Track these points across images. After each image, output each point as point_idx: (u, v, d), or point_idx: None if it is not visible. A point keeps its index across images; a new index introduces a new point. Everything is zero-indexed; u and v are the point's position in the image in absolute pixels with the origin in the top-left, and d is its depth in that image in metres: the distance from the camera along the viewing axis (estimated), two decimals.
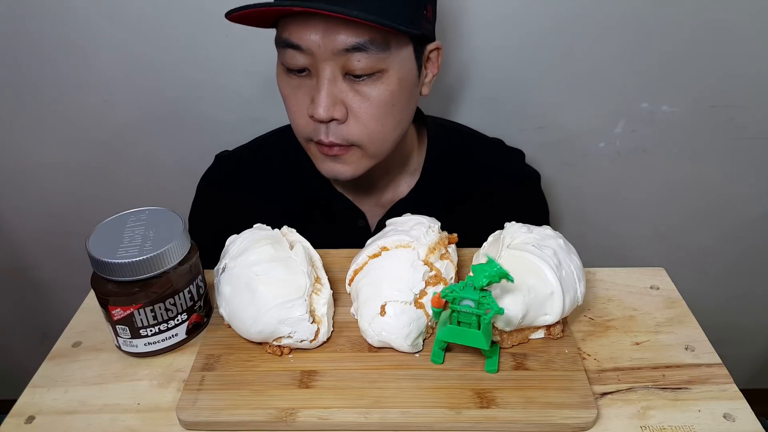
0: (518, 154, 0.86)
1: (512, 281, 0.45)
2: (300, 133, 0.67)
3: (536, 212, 0.86)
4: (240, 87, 0.94)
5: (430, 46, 0.67)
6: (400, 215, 0.61)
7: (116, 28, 0.88)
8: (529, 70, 0.93)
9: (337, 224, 0.78)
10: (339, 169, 0.67)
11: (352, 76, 0.61)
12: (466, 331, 0.46)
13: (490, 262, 0.45)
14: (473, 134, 0.86)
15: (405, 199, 0.78)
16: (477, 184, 0.80)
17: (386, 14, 0.58)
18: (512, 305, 0.48)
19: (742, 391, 0.48)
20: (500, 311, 0.45)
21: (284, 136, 0.81)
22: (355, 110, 0.63)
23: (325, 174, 0.69)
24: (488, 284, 0.44)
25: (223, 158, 0.83)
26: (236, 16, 0.59)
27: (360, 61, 0.60)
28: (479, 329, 0.46)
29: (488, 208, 0.79)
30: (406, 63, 0.63)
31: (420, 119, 0.79)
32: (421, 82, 0.68)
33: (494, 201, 0.80)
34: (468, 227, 0.63)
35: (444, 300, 0.46)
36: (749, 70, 0.92)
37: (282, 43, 0.62)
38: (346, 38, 0.58)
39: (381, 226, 0.68)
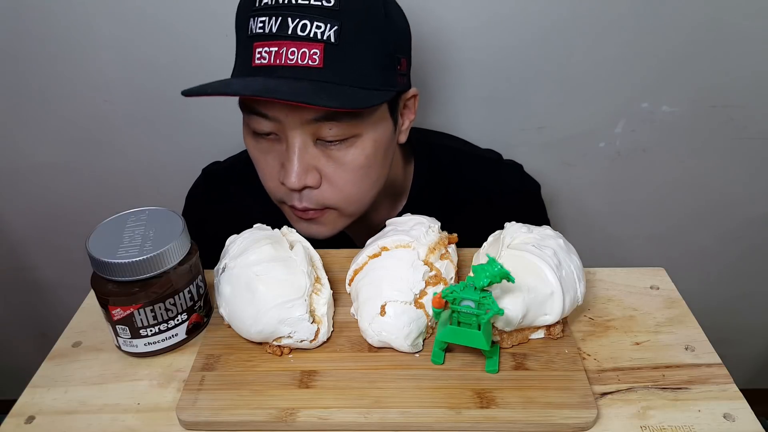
0: (514, 168, 0.83)
1: (513, 281, 0.45)
2: (272, 195, 0.66)
3: (534, 224, 0.84)
4: None
5: (406, 95, 0.65)
6: None
7: (116, 28, 0.88)
8: (529, 70, 0.93)
9: (323, 246, 0.77)
10: (315, 229, 0.66)
11: (324, 141, 0.60)
12: (466, 331, 0.46)
13: (492, 261, 0.45)
14: (464, 150, 0.83)
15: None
16: (466, 201, 0.78)
17: (356, 81, 0.56)
18: (512, 305, 0.48)
19: (742, 391, 0.48)
20: (500, 312, 0.45)
21: None
22: (329, 176, 0.61)
23: (302, 234, 0.65)
24: (489, 284, 0.44)
25: (209, 174, 0.81)
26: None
27: (331, 129, 0.58)
28: (479, 330, 0.46)
29: (480, 224, 0.77)
30: (381, 123, 0.62)
31: (406, 140, 0.77)
32: (397, 131, 0.66)
33: (486, 216, 0.76)
34: (460, 244, 0.62)
35: (444, 300, 0.46)
36: (749, 70, 0.92)
37: (247, 110, 0.60)
38: (315, 112, 0.56)
39: None
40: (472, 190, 0.79)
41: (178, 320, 0.52)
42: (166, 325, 0.51)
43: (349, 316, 0.55)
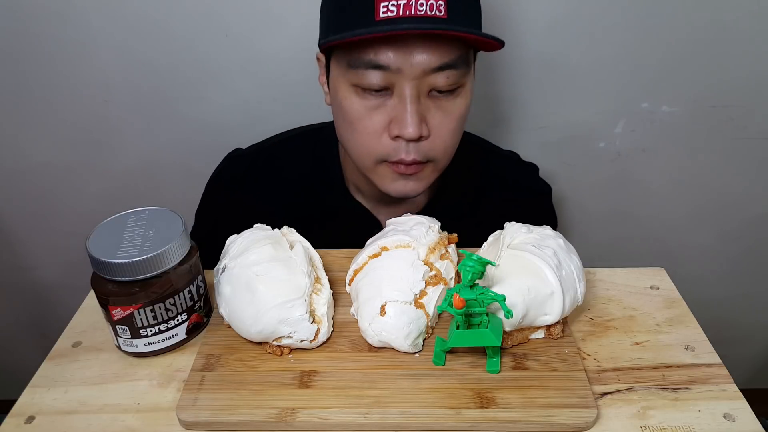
0: (532, 168, 0.85)
1: (495, 265, 0.46)
2: (371, 155, 0.65)
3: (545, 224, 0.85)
4: (240, 87, 0.94)
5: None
6: None
7: (116, 28, 0.88)
8: (529, 70, 0.93)
9: (351, 233, 0.77)
10: (411, 186, 0.67)
11: (435, 92, 0.61)
12: (474, 332, 0.46)
13: (468, 255, 0.45)
14: (489, 147, 0.85)
15: (421, 211, 0.77)
16: (490, 197, 0.80)
17: (473, 27, 0.59)
18: (512, 305, 0.48)
19: (742, 391, 0.48)
20: (502, 298, 0.45)
21: (299, 142, 0.80)
22: (435, 126, 0.63)
23: (394, 193, 0.67)
24: (473, 277, 0.44)
25: (234, 158, 0.81)
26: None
27: (449, 78, 0.60)
28: (487, 327, 0.46)
29: (500, 220, 0.78)
30: (472, 73, 0.65)
31: None
32: None
33: (506, 213, 0.79)
34: (480, 239, 0.62)
35: (464, 300, 0.46)
36: (749, 70, 0.92)
37: (364, 64, 0.59)
38: (440, 57, 0.58)
39: None
40: (496, 185, 0.81)
41: (178, 320, 0.52)
42: (166, 325, 0.51)
43: (349, 316, 0.55)
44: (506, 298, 0.48)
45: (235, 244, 0.54)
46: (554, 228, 0.86)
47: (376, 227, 0.76)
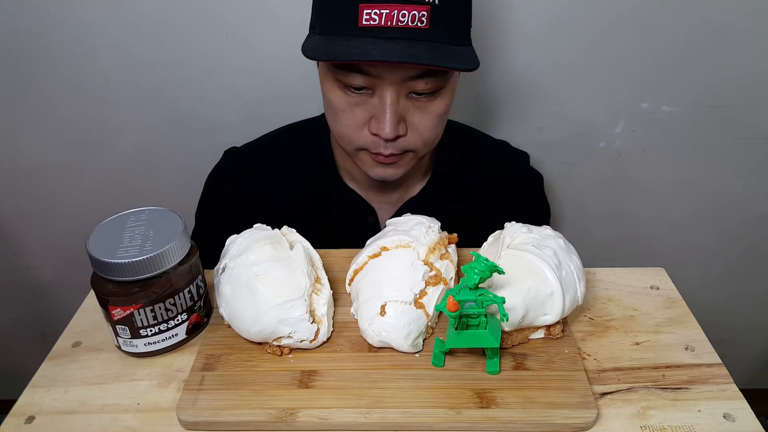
0: (523, 156, 0.87)
1: (502, 272, 0.46)
2: (351, 144, 0.68)
3: (538, 213, 0.87)
4: (240, 87, 0.94)
5: None
6: (410, 213, 0.61)
7: (116, 29, 0.88)
8: (529, 70, 0.93)
9: (346, 220, 0.79)
10: (390, 172, 0.69)
11: (415, 94, 0.63)
12: (473, 333, 0.46)
13: (478, 258, 0.45)
14: (480, 135, 0.87)
15: (415, 197, 0.79)
16: (484, 184, 0.82)
17: (453, 39, 0.60)
18: (512, 305, 0.48)
19: (742, 391, 0.48)
20: (502, 300, 0.45)
21: (294, 133, 0.82)
22: (414, 124, 0.65)
23: (376, 177, 0.70)
24: (480, 281, 0.44)
25: (231, 154, 0.83)
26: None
27: (427, 84, 0.62)
28: (486, 329, 0.46)
29: (493, 207, 0.79)
30: (457, 75, 0.66)
31: None
32: None
33: (499, 200, 0.81)
34: (474, 226, 0.64)
35: (458, 303, 0.46)
36: (749, 70, 0.92)
37: (347, 66, 0.61)
38: (418, 70, 0.60)
39: None
40: (488, 172, 0.82)
41: (178, 320, 0.52)
42: (166, 325, 0.51)
43: (349, 316, 0.55)
44: (506, 299, 0.49)
45: (235, 244, 0.54)
46: (548, 216, 0.87)
47: (370, 213, 0.79)
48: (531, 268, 0.50)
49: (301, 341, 0.50)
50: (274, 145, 0.82)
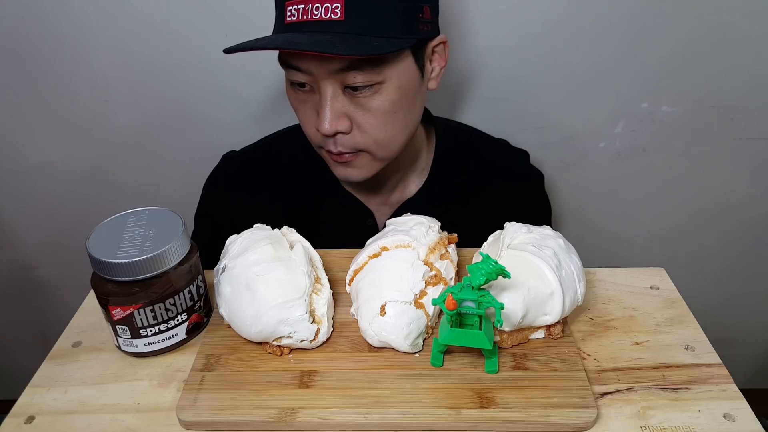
0: (523, 155, 0.87)
1: (509, 276, 0.45)
2: (312, 141, 0.70)
3: (539, 212, 0.86)
4: (240, 87, 0.94)
5: (434, 42, 0.67)
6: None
7: (116, 28, 0.88)
8: (529, 70, 0.93)
9: (345, 223, 0.79)
10: (351, 172, 0.70)
11: (351, 90, 0.63)
12: (468, 332, 0.46)
13: (486, 259, 0.45)
14: (479, 135, 0.87)
15: (413, 198, 0.79)
16: (483, 184, 0.81)
17: (376, 31, 0.60)
18: (512, 305, 0.48)
19: (742, 391, 0.48)
20: (501, 306, 0.45)
21: (292, 136, 0.82)
22: (358, 121, 0.65)
23: (339, 177, 0.71)
24: (486, 282, 0.44)
25: (229, 158, 0.83)
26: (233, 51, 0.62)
27: (356, 78, 0.61)
28: (481, 329, 0.46)
29: (493, 207, 0.79)
30: (405, 70, 0.64)
31: (428, 119, 0.80)
32: (426, 78, 0.69)
33: (499, 199, 0.81)
34: (473, 226, 0.64)
35: (456, 303, 0.46)
36: (749, 70, 0.92)
37: (285, 64, 0.65)
38: (338, 62, 0.60)
39: None
40: (488, 171, 0.82)
41: (178, 320, 0.52)
42: (166, 325, 0.51)
43: (349, 316, 0.55)
44: (506, 299, 0.49)
45: (235, 244, 0.54)
46: (548, 215, 0.87)
47: (368, 216, 0.79)
48: (531, 268, 0.50)
49: (301, 341, 0.50)
50: (271, 149, 0.82)
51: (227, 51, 0.62)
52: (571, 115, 0.97)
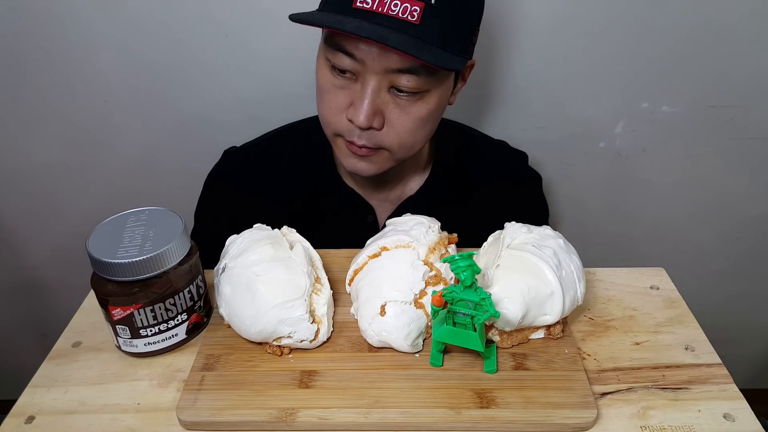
0: (522, 156, 0.87)
1: (478, 266, 0.45)
2: (330, 127, 0.68)
3: (537, 212, 0.87)
4: (240, 87, 0.94)
5: (468, 63, 0.68)
6: (409, 212, 0.61)
7: (116, 29, 0.88)
8: (529, 70, 0.93)
9: (345, 219, 0.79)
10: (362, 166, 0.69)
11: (396, 90, 0.63)
12: (462, 332, 0.46)
13: (452, 259, 0.44)
14: (479, 135, 0.87)
15: (414, 196, 0.79)
16: (483, 184, 0.82)
17: (443, 44, 0.60)
18: (512, 305, 0.48)
19: (742, 391, 0.48)
20: (496, 315, 0.45)
21: (293, 132, 0.82)
22: (392, 121, 0.65)
23: (347, 168, 0.70)
24: (472, 274, 0.44)
25: (231, 154, 0.83)
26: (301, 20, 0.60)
27: (409, 82, 0.61)
28: (475, 331, 0.46)
29: (493, 207, 0.80)
30: (446, 83, 0.66)
31: None
32: (451, 94, 0.70)
33: (498, 200, 0.81)
34: (472, 225, 0.64)
35: (444, 299, 0.46)
36: (749, 70, 0.92)
37: (335, 46, 0.62)
38: (401, 61, 0.60)
39: None
40: (487, 171, 0.82)
41: (178, 320, 0.52)
42: (166, 325, 0.51)
43: (349, 316, 0.55)
44: (506, 300, 0.49)
45: (235, 244, 0.54)
46: (546, 216, 0.88)
47: (369, 212, 0.79)
48: (531, 268, 0.50)
49: (301, 341, 0.50)
50: (273, 145, 0.82)
51: (294, 18, 0.59)
52: (571, 115, 0.97)
